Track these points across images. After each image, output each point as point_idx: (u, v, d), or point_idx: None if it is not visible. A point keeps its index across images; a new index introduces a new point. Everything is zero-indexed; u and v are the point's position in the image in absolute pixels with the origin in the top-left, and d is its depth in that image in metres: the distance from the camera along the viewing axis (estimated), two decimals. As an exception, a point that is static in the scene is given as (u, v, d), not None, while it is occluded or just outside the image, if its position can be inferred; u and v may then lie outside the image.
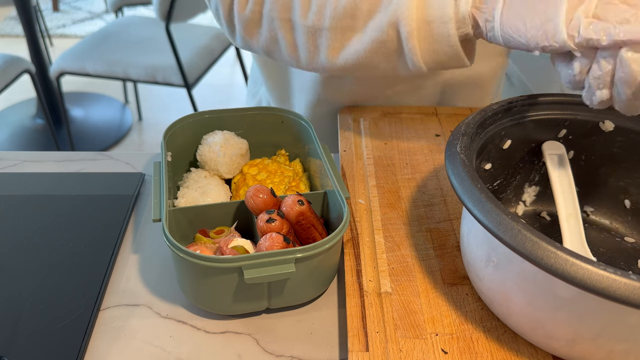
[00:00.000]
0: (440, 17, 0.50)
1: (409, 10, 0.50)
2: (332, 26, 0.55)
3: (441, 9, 0.50)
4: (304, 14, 0.56)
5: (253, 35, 0.61)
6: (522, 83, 1.26)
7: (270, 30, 0.59)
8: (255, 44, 0.62)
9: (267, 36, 0.60)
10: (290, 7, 0.57)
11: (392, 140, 0.68)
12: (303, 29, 0.57)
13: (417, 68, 0.54)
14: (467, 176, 0.41)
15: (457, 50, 0.51)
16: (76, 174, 0.67)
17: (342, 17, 0.54)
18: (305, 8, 0.56)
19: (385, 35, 0.53)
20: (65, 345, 0.46)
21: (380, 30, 0.53)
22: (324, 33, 0.56)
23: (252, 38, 0.61)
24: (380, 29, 0.53)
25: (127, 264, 0.55)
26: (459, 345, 0.43)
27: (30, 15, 2.08)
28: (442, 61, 0.53)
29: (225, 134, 0.61)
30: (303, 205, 0.50)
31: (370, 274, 0.49)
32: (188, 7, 1.82)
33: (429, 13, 0.50)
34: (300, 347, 0.47)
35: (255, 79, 0.90)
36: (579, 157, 0.55)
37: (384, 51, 0.54)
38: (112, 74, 1.81)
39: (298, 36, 0.58)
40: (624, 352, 0.37)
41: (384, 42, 0.53)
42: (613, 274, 0.33)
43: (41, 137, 2.29)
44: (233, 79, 2.90)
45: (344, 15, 0.54)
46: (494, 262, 0.41)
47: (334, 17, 0.55)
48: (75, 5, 3.73)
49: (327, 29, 0.55)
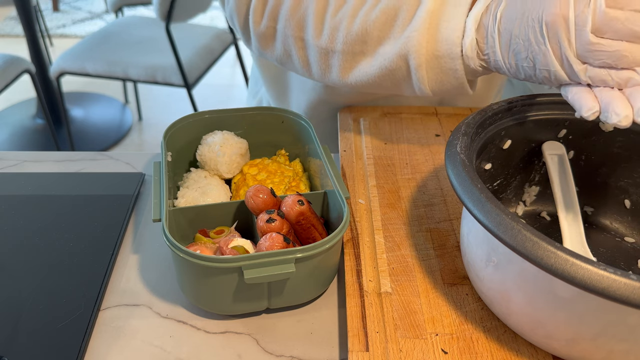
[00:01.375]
0: (449, 54, 0.52)
1: (419, 45, 0.52)
2: (343, 50, 0.57)
3: (450, 46, 0.51)
4: (317, 35, 0.58)
5: (267, 48, 0.63)
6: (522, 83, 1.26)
7: (284, 46, 0.61)
8: (270, 55, 0.64)
9: (282, 50, 0.62)
10: (304, 27, 0.58)
11: (392, 140, 0.68)
12: (316, 49, 0.59)
13: (423, 93, 0.56)
14: (467, 176, 0.41)
15: (462, 82, 0.53)
16: (76, 174, 0.67)
17: (353, 42, 0.56)
18: (319, 29, 0.58)
19: (394, 65, 0.55)
20: (65, 345, 0.46)
21: (390, 59, 0.54)
22: (336, 55, 0.58)
23: (267, 50, 0.63)
24: (390, 59, 0.55)
25: (127, 264, 0.55)
26: (459, 345, 0.43)
27: (30, 15, 2.08)
28: (448, 90, 0.55)
29: (224, 134, 0.61)
30: (303, 205, 0.50)
31: (370, 274, 0.49)
32: (188, 7, 1.82)
33: (438, 48, 0.52)
34: (300, 347, 0.47)
35: (255, 78, 0.90)
36: (579, 157, 0.55)
37: (392, 77, 0.56)
38: (112, 74, 1.81)
39: (311, 54, 0.60)
40: (624, 352, 0.37)
41: (393, 70, 0.55)
42: (613, 274, 0.33)
43: (41, 137, 2.29)
44: (233, 79, 2.90)
45: (355, 40, 0.56)
46: (494, 262, 0.41)
47: (345, 41, 0.56)
48: (75, 5, 3.73)
49: (339, 51, 0.57)
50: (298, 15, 0.58)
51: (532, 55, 0.45)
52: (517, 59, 0.47)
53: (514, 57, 0.47)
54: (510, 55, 0.47)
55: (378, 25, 0.55)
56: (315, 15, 0.58)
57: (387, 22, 0.54)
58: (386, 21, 0.54)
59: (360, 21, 0.55)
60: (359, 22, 0.55)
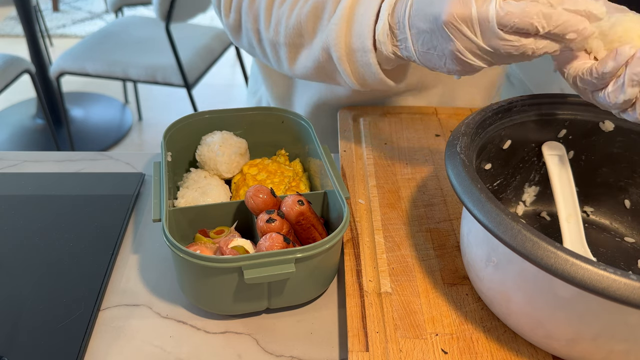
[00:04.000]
0: (362, 47, 0.52)
1: (338, 38, 0.53)
2: (285, 42, 0.58)
3: (362, 39, 0.51)
4: (267, 27, 0.59)
5: (238, 40, 0.65)
6: (522, 83, 1.26)
7: (247, 37, 0.63)
8: (242, 46, 0.66)
9: (246, 42, 0.64)
10: (258, 19, 0.60)
11: (392, 140, 0.68)
12: (267, 41, 0.61)
13: (354, 87, 0.56)
14: (467, 176, 0.41)
15: (380, 77, 0.53)
16: (76, 174, 0.67)
17: (292, 34, 0.57)
18: (267, 22, 0.59)
19: (322, 57, 0.55)
20: (65, 345, 0.46)
21: (318, 52, 0.55)
22: (281, 47, 0.59)
23: (238, 42, 0.65)
24: (318, 51, 0.55)
25: (127, 264, 0.55)
26: (459, 345, 0.43)
27: (30, 15, 2.07)
28: (372, 84, 0.55)
29: (223, 134, 0.61)
30: (303, 205, 0.50)
31: (370, 274, 0.49)
32: (188, 7, 1.82)
33: (354, 42, 0.52)
34: (300, 347, 0.47)
35: (255, 77, 0.90)
36: (579, 157, 0.55)
37: (324, 69, 0.57)
38: (112, 74, 1.81)
39: (265, 46, 0.61)
40: (624, 352, 0.37)
41: (322, 62, 0.56)
42: (613, 274, 0.33)
43: (41, 137, 2.29)
44: (233, 79, 2.89)
45: (293, 33, 0.57)
46: (494, 262, 0.41)
47: (286, 34, 0.58)
48: (75, 5, 3.73)
49: (282, 44, 0.59)
50: (254, 7, 0.60)
51: (441, 48, 0.45)
52: (426, 49, 0.47)
53: (423, 47, 0.47)
54: (419, 44, 0.47)
55: (310, 17, 0.55)
56: (265, 8, 0.59)
57: (316, 15, 0.55)
58: (316, 13, 0.55)
59: (295, 14, 0.56)
60: (295, 15, 0.56)
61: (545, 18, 0.39)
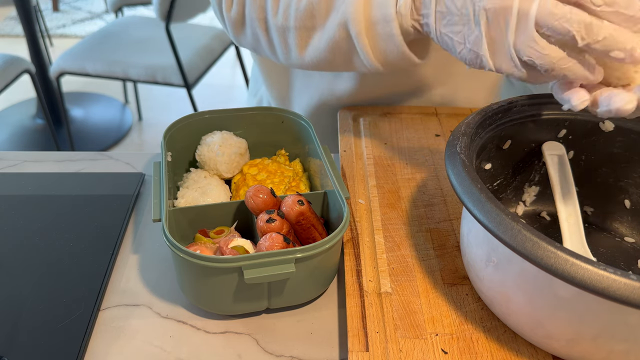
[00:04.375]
0: (383, 17, 0.50)
1: (356, 11, 0.51)
2: (296, 26, 0.57)
3: (383, 9, 0.50)
4: (274, 13, 0.58)
5: (240, 34, 0.63)
6: (522, 83, 1.26)
7: (252, 29, 0.61)
8: (244, 42, 0.64)
9: (251, 35, 0.62)
10: (265, 8, 0.59)
11: (392, 140, 0.68)
12: (274, 28, 0.59)
13: (373, 67, 0.54)
14: (467, 176, 0.41)
15: (403, 50, 0.51)
16: (76, 174, 0.67)
17: (303, 16, 0.56)
18: (275, 8, 0.58)
19: (338, 35, 0.54)
20: (65, 345, 0.46)
21: (334, 30, 0.54)
22: (291, 32, 0.57)
23: (240, 37, 0.63)
24: (333, 29, 0.54)
25: (127, 264, 0.55)
26: (459, 345, 0.43)
27: (30, 15, 2.08)
28: (393, 61, 0.53)
29: (223, 134, 0.61)
30: (303, 205, 0.50)
31: (370, 274, 0.49)
32: (188, 7, 1.82)
33: (374, 14, 0.51)
34: (300, 347, 0.47)
35: (256, 77, 0.90)
36: (579, 157, 0.55)
37: (340, 50, 0.55)
38: (112, 74, 1.81)
39: (273, 35, 0.60)
40: (624, 352, 0.37)
41: (338, 41, 0.54)
42: (613, 274, 0.33)
43: (41, 137, 2.29)
44: (233, 79, 2.90)
45: (304, 15, 0.55)
46: (494, 262, 0.41)
47: (296, 17, 0.56)
48: (75, 5, 3.73)
49: (292, 28, 0.57)
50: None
51: (466, 33, 0.44)
52: (448, 30, 0.46)
53: (446, 28, 0.46)
54: (442, 24, 0.46)
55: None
56: None
57: None
58: None
59: None
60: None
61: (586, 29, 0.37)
